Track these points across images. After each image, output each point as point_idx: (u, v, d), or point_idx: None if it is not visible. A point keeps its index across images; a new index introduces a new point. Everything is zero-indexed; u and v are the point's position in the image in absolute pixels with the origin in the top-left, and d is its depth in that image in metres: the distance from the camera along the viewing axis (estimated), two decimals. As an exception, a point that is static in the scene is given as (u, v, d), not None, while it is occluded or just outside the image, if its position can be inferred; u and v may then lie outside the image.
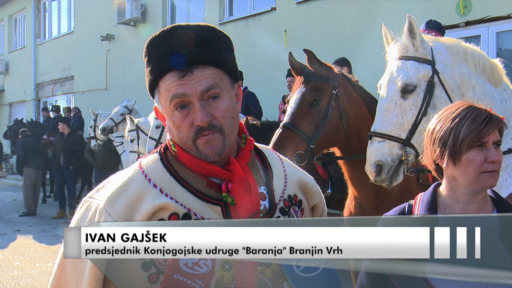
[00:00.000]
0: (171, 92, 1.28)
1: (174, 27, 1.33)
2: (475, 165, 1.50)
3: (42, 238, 8.57)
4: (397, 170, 2.66)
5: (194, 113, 1.28)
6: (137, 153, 8.36)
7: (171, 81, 1.28)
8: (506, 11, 6.70)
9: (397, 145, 2.62)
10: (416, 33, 2.66)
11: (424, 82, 2.62)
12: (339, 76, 3.44)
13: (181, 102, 1.28)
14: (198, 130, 1.29)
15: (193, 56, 1.28)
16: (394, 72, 2.68)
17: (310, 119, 3.25)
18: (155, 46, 1.32)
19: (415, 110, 2.61)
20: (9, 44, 20.38)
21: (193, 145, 1.31)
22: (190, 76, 1.27)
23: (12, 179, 16.39)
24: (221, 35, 1.35)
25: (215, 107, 1.29)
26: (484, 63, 2.68)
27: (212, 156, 1.30)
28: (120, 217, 1.24)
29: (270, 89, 9.30)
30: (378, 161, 2.63)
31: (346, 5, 8.71)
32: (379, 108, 2.73)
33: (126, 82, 14.03)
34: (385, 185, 2.70)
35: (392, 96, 2.67)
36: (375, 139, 2.66)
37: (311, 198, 1.51)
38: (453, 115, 1.54)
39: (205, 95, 1.28)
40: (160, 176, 1.32)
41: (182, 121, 1.29)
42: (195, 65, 1.28)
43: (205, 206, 1.30)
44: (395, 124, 2.63)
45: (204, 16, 11.54)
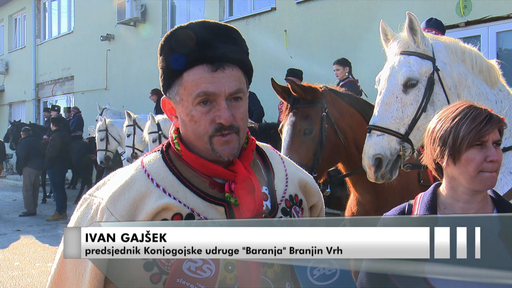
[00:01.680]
0: (201, 87, 1.26)
1: (204, 22, 1.32)
2: (474, 164, 1.49)
3: (42, 238, 8.56)
4: (395, 164, 2.63)
5: (218, 110, 1.27)
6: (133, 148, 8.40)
7: (201, 75, 1.27)
8: (506, 11, 6.70)
9: (396, 140, 2.59)
10: (417, 30, 2.65)
11: (425, 78, 2.61)
12: (326, 94, 3.36)
13: (206, 98, 1.27)
14: (218, 128, 1.28)
15: (225, 54, 1.28)
16: (396, 66, 2.66)
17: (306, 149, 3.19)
18: (185, 36, 1.29)
19: (416, 105, 2.59)
20: (9, 44, 20.38)
21: (208, 141, 1.30)
22: (222, 72, 1.27)
23: (12, 179, 16.38)
24: (244, 40, 1.36)
25: (237, 108, 1.30)
26: (481, 64, 2.68)
27: (228, 156, 1.30)
28: (122, 217, 1.23)
29: (270, 89, 9.25)
30: (377, 154, 2.60)
31: (346, 5, 8.71)
32: (378, 102, 2.70)
33: (126, 82, 14.03)
34: (383, 180, 2.66)
35: (393, 89, 2.64)
36: (374, 132, 2.63)
37: (310, 198, 1.51)
38: (453, 115, 1.54)
39: (231, 96, 1.29)
40: (162, 176, 1.31)
41: (202, 116, 1.28)
42: (226, 62, 1.28)
43: (208, 206, 1.29)
44: (395, 118, 2.61)
45: (204, 16, 11.54)
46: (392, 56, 2.74)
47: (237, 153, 1.32)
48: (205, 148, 1.31)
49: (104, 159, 9.57)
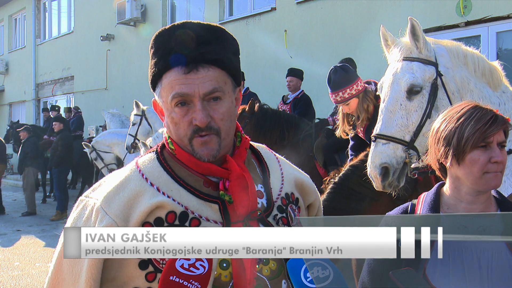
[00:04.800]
0: (175, 89, 1.27)
1: (185, 23, 1.33)
2: (479, 165, 1.49)
3: (42, 238, 8.56)
4: (402, 172, 2.60)
5: (194, 112, 1.28)
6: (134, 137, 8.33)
7: (175, 77, 1.28)
8: (506, 11, 6.70)
9: (401, 147, 2.56)
10: (419, 35, 2.63)
11: (428, 84, 2.59)
12: None
13: (182, 99, 1.28)
14: (195, 130, 1.29)
15: (201, 54, 1.28)
16: (399, 73, 2.64)
17: None
18: (164, 38, 1.31)
19: (420, 111, 2.57)
20: (9, 44, 20.38)
21: (188, 144, 1.31)
22: (195, 73, 1.27)
23: (12, 179, 16.37)
24: (230, 38, 1.36)
25: (215, 108, 1.29)
26: (483, 66, 2.66)
27: (207, 157, 1.30)
28: (117, 216, 1.23)
29: (270, 89, 9.30)
30: (383, 164, 2.57)
31: (346, 5, 8.71)
32: (382, 109, 2.68)
33: (126, 82, 14.03)
34: (391, 189, 2.62)
35: (396, 97, 2.63)
36: (379, 141, 2.61)
37: (307, 197, 1.52)
38: (458, 115, 1.53)
39: (207, 96, 1.28)
40: (157, 175, 1.32)
41: (181, 119, 1.29)
42: (201, 63, 1.28)
43: (202, 204, 1.29)
44: (400, 126, 2.59)
45: (204, 16, 11.54)
46: (394, 62, 2.72)
47: (217, 154, 1.31)
48: (188, 150, 1.33)
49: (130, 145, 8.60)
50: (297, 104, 6.79)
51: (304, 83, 7.21)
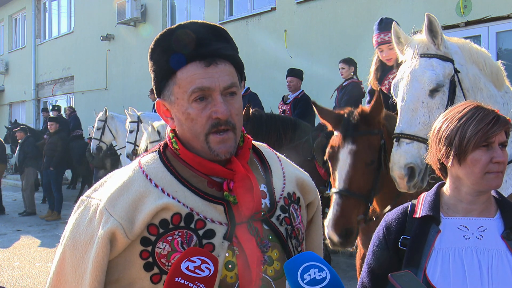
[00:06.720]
0: (195, 83, 1.26)
1: (192, 22, 1.33)
2: (480, 165, 1.49)
3: (42, 238, 8.56)
4: (425, 172, 2.51)
5: (214, 106, 1.27)
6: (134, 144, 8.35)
7: (195, 71, 1.27)
8: (506, 11, 6.69)
9: (424, 146, 2.45)
10: (438, 32, 2.58)
11: (447, 81, 2.54)
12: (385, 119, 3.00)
13: (202, 94, 1.27)
14: (214, 124, 1.28)
15: (219, 49, 1.29)
16: (417, 70, 2.57)
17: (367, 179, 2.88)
18: (175, 36, 1.29)
19: (442, 108, 2.48)
20: (9, 44, 20.37)
21: (204, 140, 1.29)
22: (216, 67, 1.27)
23: (12, 179, 16.37)
24: (232, 39, 1.37)
25: (231, 103, 1.30)
26: (491, 65, 2.64)
27: (225, 154, 1.30)
28: (122, 218, 1.22)
29: (270, 89, 9.30)
30: (409, 164, 2.49)
31: (346, 5, 8.71)
32: (402, 108, 2.59)
33: (126, 82, 14.02)
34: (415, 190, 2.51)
35: (418, 94, 2.55)
36: (403, 141, 2.52)
37: (307, 195, 1.51)
38: (460, 115, 1.53)
39: (225, 90, 1.29)
40: (161, 176, 1.30)
41: (199, 113, 1.28)
42: (219, 58, 1.28)
43: (207, 205, 1.28)
44: (422, 124, 2.51)
45: (204, 16, 11.54)
46: (409, 60, 2.64)
47: (234, 151, 1.31)
48: (201, 147, 1.31)
49: (96, 149, 9.73)
50: (297, 104, 6.79)
51: (304, 83, 7.21)
